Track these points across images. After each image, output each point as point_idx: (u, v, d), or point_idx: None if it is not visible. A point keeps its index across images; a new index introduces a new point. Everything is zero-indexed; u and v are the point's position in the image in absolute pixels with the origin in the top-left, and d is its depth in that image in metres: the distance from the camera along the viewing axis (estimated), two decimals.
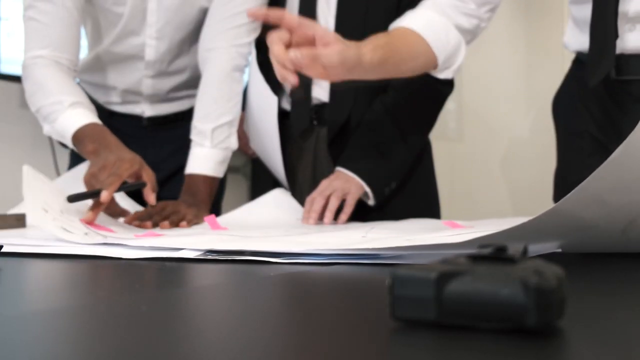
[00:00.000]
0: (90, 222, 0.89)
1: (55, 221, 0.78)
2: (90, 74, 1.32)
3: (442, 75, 1.08)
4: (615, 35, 1.00)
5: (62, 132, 1.08)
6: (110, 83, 1.31)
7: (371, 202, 1.18)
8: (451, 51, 1.04)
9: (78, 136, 1.06)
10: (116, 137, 1.06)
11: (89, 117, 1.08)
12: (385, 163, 1.18)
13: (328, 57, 0.87)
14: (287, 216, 1.18)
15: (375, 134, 1.20)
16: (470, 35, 1.08)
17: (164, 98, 1.34)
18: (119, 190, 0.96)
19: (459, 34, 1.04)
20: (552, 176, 1.27)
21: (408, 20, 1.03)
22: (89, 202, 0.94)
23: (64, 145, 1.27)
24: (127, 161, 0.98)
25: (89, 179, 0.98)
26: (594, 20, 1.02)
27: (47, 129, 1.13)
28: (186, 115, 1.34)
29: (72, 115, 1.07)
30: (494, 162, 2.93)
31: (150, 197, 1.01)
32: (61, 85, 1.11)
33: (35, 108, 1.12)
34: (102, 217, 0.93)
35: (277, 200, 1.23)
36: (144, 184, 1.00)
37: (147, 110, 1.33)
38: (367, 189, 1.15)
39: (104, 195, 0.91)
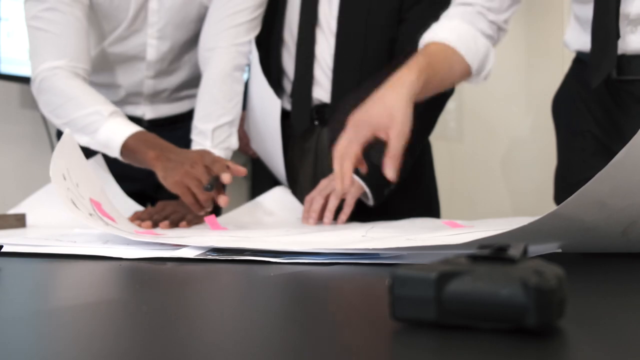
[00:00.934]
0: (100, 203, 0.87)
1: (68, 191, 0.78)
2: (91, 75, 1.32)
3: (475, 81, 1.09)
4: (616, 35, 1.00)
5: (107, 142, 1.07)
6: (112, 84, 1.30)
7: (370, 202, 1.18)
8: (482, 58, 1.05)
9: (130, 145, 1.05)
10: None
11: (132, 125, 1.09)
12: None
13: (400, 139, 0.90)
14: (287, 215, 1.18)
15: None
16: (492, 40, 1.09)
17: (165, 99, 1.34)
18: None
19: (486, 40, 1.05)
20: (552, 176, 1.27)
21: (439, 33, 1.03)
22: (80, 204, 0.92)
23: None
24: (205, 153, 1.03)
25: (182, 178, 0.99)
26: (595, 20, 1.02)
27: (85, 141, 1.10)
28: (186, 117, 1.34)
29: (115, 125, 1.07)
30: (494, 162, 2.93)
31: (240, 168, 1.05)
32: (93, 96, 1.11)
33: (66, 120, 1.10)
34: (109, 207, 0.93)
35: (278, 199, 1.23)
36: (226, 167, 1.03)
37: (147, 112, 1.33)
38: (367, 190, 1.15)
39: (227, 177, 0.99)
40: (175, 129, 1.35)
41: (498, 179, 2.93)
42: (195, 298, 0.42)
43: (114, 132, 1.07)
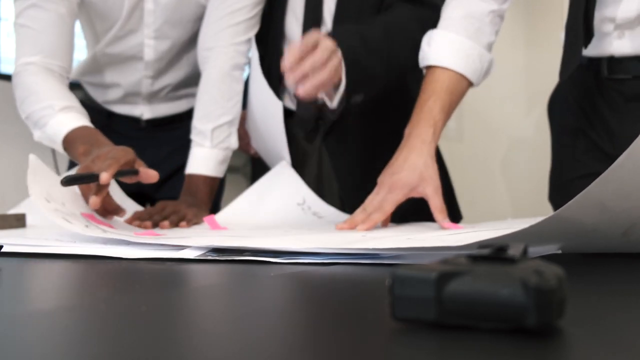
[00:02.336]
0: (92, 214, 0.87)
1: (57, 212, 0.78)
2: (90, 75, 1.31)
3: (474, 87, 1.10)
4: (588, 35, 1.04)
5: (53, 137, 1.06)
6: (110, 84, 1.30)
7: (332, 104, 1.07)
8: (485, 71, 1.08)
9: (69, 139, 1.03)
10: (108, 138, 1.02)
11: (80, 120, 1.06)
12: (368, 55, 1.09)
13: (437, 195, 0.96)
14: (289, 199, 1.16)
15: (364, 27, 1.12)
16: (493, 44, 1.10)
17: (163, 98, 1.34)
18: (115, 176, 0.90)
19: (489, 53, 1.07)
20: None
21: (444, 56, 1.03)
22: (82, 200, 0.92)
23: None
24: (121, 149, 0.95)
25: (82, 172, 0.93)
26: (568, 22, 1.08)
27: (37, 135, 1.10)
28: (184, 117, 1.34)
29: (63, 119, 1.05)
30: (494, 162, 2.93)
31: (150, 173, 0.95)
32: (52, 91, 1.10)
33: (26, 114, 1.11)
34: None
35: (280, 179, 1.21)
36: (136, 171, 0.94)
37: (145, 112, 1.33)
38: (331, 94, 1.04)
39: (104, 177, 0.86)
40: (173, 129, 1.35)
41: (498, 179, 2.93)
42: (195, 298, 0.42)
43: (60, 125, 1.05)
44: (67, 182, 0.84)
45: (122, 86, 1.30)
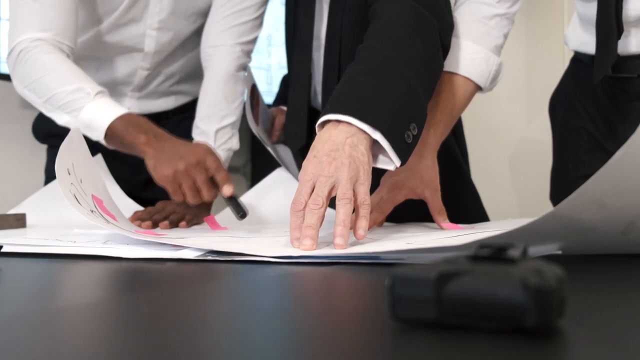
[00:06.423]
0: (102, 200, 0.86)
1: (71, 186, 0.77)
2: (82, 62, 1.28)
3: (483, 92, 1.08)
4: (618, 31, 1.02)
5: (91, 123, 1.00)
6: (103, 73, 1.27)
7: (397, 162, 0.76)
8: (493, 75, 1.06)
9: (117, 127, 0.99)
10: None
11: (120, 107, 1.03)
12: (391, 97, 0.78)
13: (437, 196, 0.95)
14: (288, 199, 1.16)
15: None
16: (502, 47, 1.07)
17: (151, 93, 1.31)
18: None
19: (497, 57, 1.05)
20: None
21: (450, 61, 1.01)
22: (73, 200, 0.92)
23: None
24: (210, 151, 0.99)
25: (175, 176, 0.94)
26: (598, 18, 1.04)
27: (64, 120, 1.03)
28: (170, 114, 1.32)
29: (101, 104, 1.00)
30: (495, 162, 2.93)
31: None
32: (76, 73, 1.04)
33: (45, 96, 1.02)
34: (111, 205, 0.92)
35: (278, 181, 1.21)
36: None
37: (133, 108, 1.29)
38: (386, 144, 0.74)
39: (229, 190, 0.98)
40: (160, 126, 1.34)
41: (500, 180, 2.93)
42: (196, 298, 0.42)
43: (100, 112, 1.00)
44: (244, 215, 0.97)
45: (114, 76, 1.26)
